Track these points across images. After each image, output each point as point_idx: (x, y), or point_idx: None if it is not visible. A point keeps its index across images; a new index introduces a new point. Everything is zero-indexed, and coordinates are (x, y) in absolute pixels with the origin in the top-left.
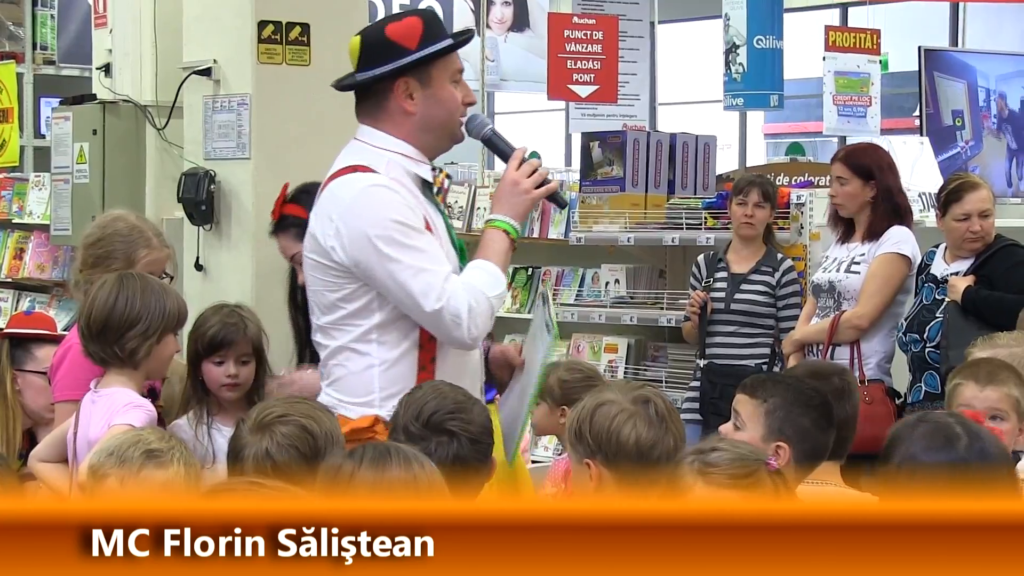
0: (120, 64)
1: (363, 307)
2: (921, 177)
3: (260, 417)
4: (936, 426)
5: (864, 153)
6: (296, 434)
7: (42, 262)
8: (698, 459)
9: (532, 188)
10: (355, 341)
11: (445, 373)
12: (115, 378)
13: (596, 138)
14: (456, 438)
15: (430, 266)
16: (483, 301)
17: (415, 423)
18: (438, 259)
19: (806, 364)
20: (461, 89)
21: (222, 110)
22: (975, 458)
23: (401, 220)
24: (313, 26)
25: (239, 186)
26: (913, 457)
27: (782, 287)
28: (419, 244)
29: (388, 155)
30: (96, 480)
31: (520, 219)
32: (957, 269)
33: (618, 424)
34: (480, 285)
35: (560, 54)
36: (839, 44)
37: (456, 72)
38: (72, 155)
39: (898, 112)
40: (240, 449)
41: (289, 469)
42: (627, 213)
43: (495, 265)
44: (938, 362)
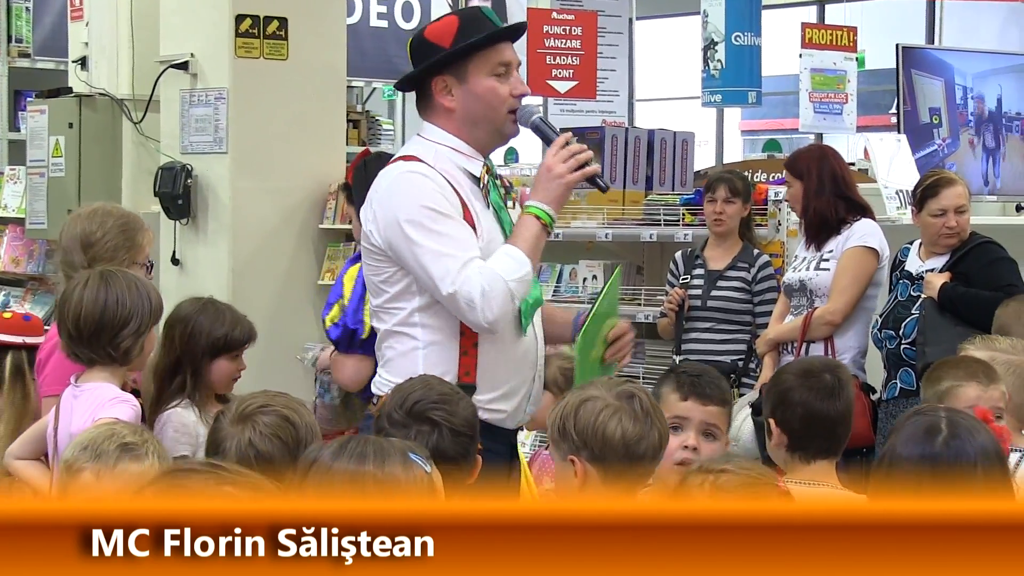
0: (96, 57)
1: (403, 290)
2: (898, 174)
3: (241, 409)
4: (923, 420)
5: (799, 155)
6: (278, 424)
7: (17, 256)
8: (708, 480)
9: (567, 172)
10: (400, 324)
11: (490, 359)
12: (98, 373)
13: (574, 134)
14: (437, 428)
15: (451, 251)
16: (499, 285)
17: (398, 410)
18: (462, 245)
19: (799, 362)
20: (508, 82)
21: (199, 104)
22: (951, 456)
23: (429, 205)
24: (291, 20)
25: (216, 180)
26: (893, 450)
27: (758, 283)
28: (444, 229)
29: (437, 147)
30: (71, 475)
31: (554, 204)
32: (933, 266)
33: (603, 420)
34: (499, 269)
35: (539, 50)
36: (816, 41)
37: (498, 65)
38: (48, 148)
39: (875, 109)
40: (220, 441)
41: (272, 459)
42: (605, 209)
43: (520, 250)
44: (914, 359)
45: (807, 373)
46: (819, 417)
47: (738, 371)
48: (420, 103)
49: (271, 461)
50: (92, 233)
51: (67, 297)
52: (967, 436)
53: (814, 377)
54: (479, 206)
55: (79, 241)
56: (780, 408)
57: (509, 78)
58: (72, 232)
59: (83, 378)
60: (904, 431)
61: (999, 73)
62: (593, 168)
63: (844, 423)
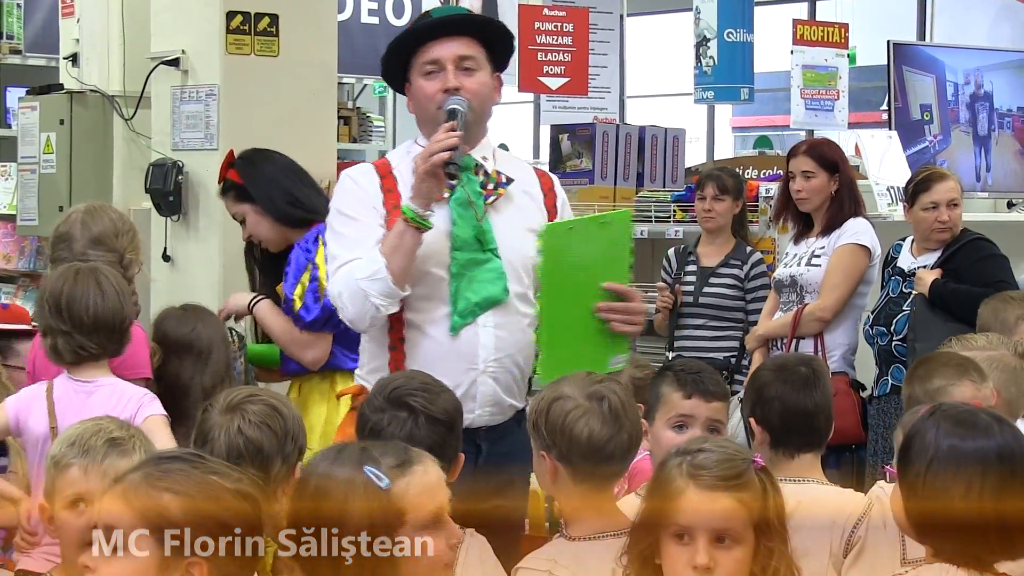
0: (87, 54)
1: None
2: (889, 171)
3: (229, 400)
4: (959, 414)
5: (828, 147)
6: (266, 412)
7: (8, 252)
8: (686, 461)
9: (420, 164)
10: None
11: (416, 356)
12: (99, 368)
13: (565, 131)
14: (414, 416)
15: (339, 252)
16: (352, 285)
17: (378, 396)
18: (350, 247)
19: (772, 359)
20: (440, 79)
21: (190, 100)
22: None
23: (340, 208)
24: (282, 17)
25: (207, 177)
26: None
27: (751, 280)
28: (345, 231)
29: (414, 147)
30: (59, 471)
31: (415, 198)
32: (924, 262)
33: (571, 420)
34: (354, 270)
35: (531, 46)
36: (807, 38)
37: (424, 65)
38: (39, 145)
39: (866, 106)
40: (208, 431)
41: (262, 447)
42: (596, 206)
43: (379, 248)
44: (905, 355)
45: (781, 368)
46: (796, 410)
47: (731, 368)
48: None
49: (260, 449)
50: (110, 228)
51: (73, 292)
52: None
53: (788, 371)
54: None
55: (101, 236)
56: (758, 406)
57: (439, 75)
58: (100, 226)
59: (86, 373)
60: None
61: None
62: (439, 156)
63: (823, 415)
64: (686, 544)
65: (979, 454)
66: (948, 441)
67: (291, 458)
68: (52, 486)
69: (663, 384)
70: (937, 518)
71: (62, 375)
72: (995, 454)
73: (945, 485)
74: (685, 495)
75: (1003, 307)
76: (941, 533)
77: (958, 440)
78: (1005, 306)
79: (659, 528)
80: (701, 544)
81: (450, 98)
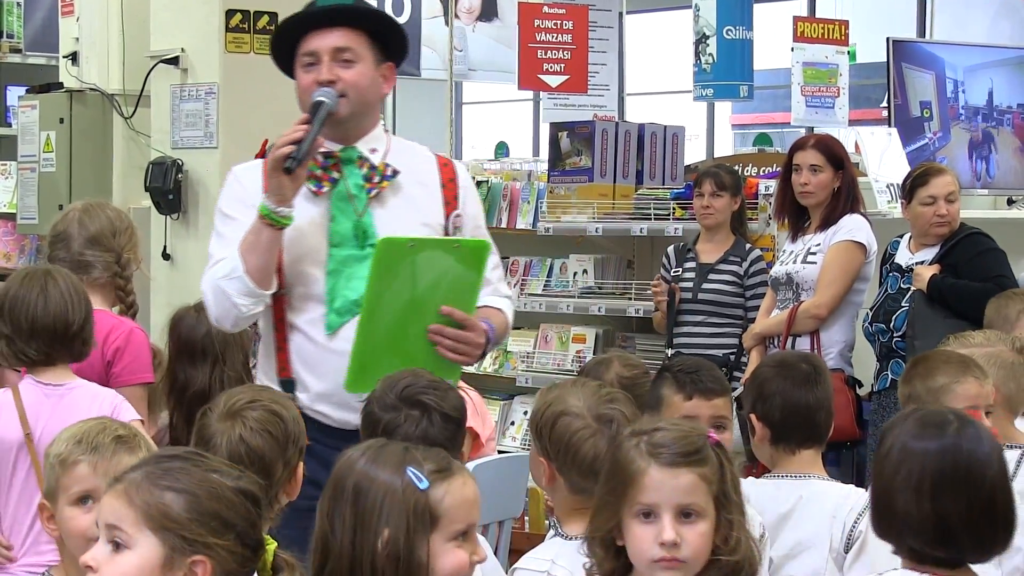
0: (87, 52)
1: None
2: (889, 168)
3: (228, 405)
4: (929, 415)
5: (834, 142)
6: (267, 418)
7: (8, 251)
8: (643, 441)
9: (270, 159)
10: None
11: (298, 357)
12: (63, 372)
13: (564, 128)
14: (428, 414)
15: (214, 251)
16: (213, 285)
17: (389, 393)
18: (226, 245)
19: (771, 356)
20: (316, 70)
21: (189, 99)
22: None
23: (221, 207)
24: (281, 15)
25: (206, 175)
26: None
27: (750, 277)
28: (223, 230)
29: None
30: (65, 468)
31: (268, 193)
32: (922, 258)
33: (578, 441)
34: (215, 270)
35: (530, 44)
36: (807, 35)
37: (303, 56)
38: (39, 144)
39: (866, 103)
40: (209, 438)
41: (263, 454)
42: (595, 203)
43: (237, 248)
44: (904, 351)
45: (782, 364)
46: (798, 405)
47: (730, 364)
48: None
49: (262, 457)
50: (114, 226)
51: (17, 296)
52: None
53: (789, 367)
54: (302, 198)
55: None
56: (759, 402)
57: (316, 67)
58: (96, 225)
59: (51, 376)
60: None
61: (990, 67)
62: (282, 151)
63: (824, 411)
64: (651, 522)
65: (921, 450)
66: (902, 439)
67: (292, 461)
68: (56, 484)
69: (663, 387)
70: (885, 514)
71: (27, 379)
72: (936, 451)
73: (892, 481)
74: (648, 474)
75: (1006, 303)
76: (894, 531)
77: (911, 438)
78: (1008, 302)
79: (621, 510)
80: (667, 520)
81: (320, 90)
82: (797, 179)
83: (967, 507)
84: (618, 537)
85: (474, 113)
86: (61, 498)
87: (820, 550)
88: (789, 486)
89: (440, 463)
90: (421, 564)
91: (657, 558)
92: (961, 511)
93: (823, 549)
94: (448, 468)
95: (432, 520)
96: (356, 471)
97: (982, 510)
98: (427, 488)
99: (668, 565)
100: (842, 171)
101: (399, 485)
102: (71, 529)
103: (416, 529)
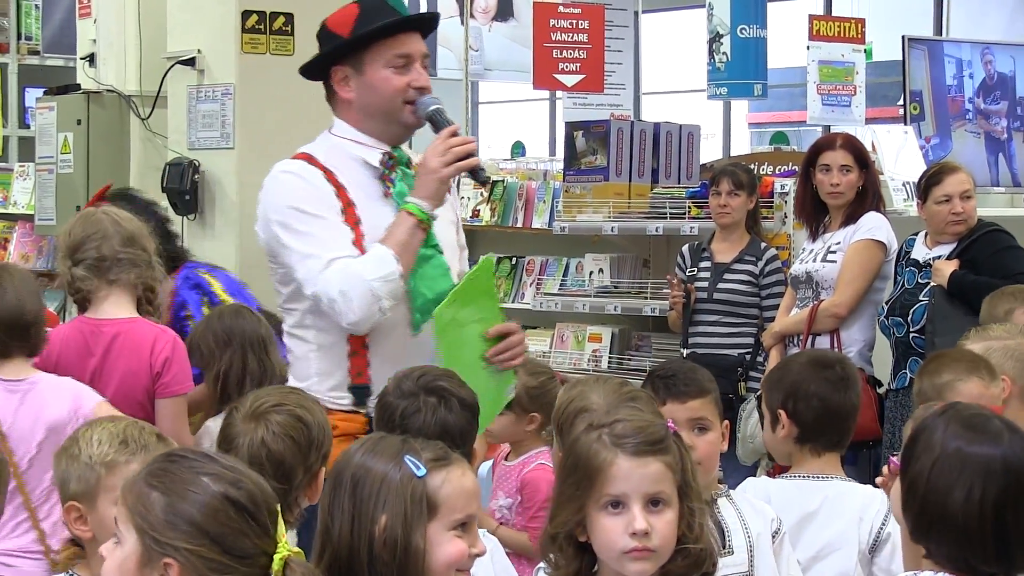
0: (104, 54)
1: (295, 291)
2: (905, 166)
3: (254, 406)
4: (970, 417)
5: (859, 141)
6: (291, 423)
7: (26, 252)
8: (604, 433)
9: (441, 167)
10: (295, 327)
11: (384, 358)
12: (23, 365)
13: (580, 127)
14: (446, 400)
15: (315, 252)
16: (359, 285)
17: (406, 381)
18: (326, 245)
19: (808, 353)
20: (408, 73)
21: (206, 100)
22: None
23: (296, 205)
24: (297, 15)
25: (223, 176)
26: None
27: (765, 276)
28: (310, 230)
29: (336, 140)
30: (111, 470)
31: (429, 199)
32: (939, 253)
33: None
34: (360, 270)
35: (546, 43)
36: (823, 33)
37: (395, 58)
38: (56, 145)
39: (882, 101)
40: (233, 438)
41: (284, 459)
42: (611, 202)
43: (388, 248)
44: (923, 347)
45: (820, 364)
46: (835, 409)
47: (745, 364)
48: (326, 93)
49: (282, 462)
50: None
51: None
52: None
53: (829, 369)
54: (374, 198)
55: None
56: (793, 399)
57: (409, 70)
58: (132, 224)
59: (13, 371)
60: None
61: None
62: (470, 161)
63: (854, 416)
64: (620, 513)
65: (983, 460)
66: (955, 443)
67: (314, 466)
68: (98, 485)
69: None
70: (934, 519)
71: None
72: (1000, 462)
73: (947, 487)
74: (615, 464)
75: (996, 302)
76: (937, 536)
77: (964, 443)
78: (998, 301)
79: (587, 503)
80: (636, 510)
81: (427, 97)
82: (826, 179)
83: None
84: (580, 533)
85: (490, 113)
86: (104, 498)
87: (848, 551)
88: (811, 487)
89: (438, 453)
90: (418, 551)
91: (628, 549)
92: (1020, 526)
93: (851, 551)
94: (446, 458)
95: (430, 508)
96: (353, 463)
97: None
98: (424, 475)
99: (639, 555)
100: (866, 170)
101: (396, 473)
102: (109, 528)
103: (413, 516)
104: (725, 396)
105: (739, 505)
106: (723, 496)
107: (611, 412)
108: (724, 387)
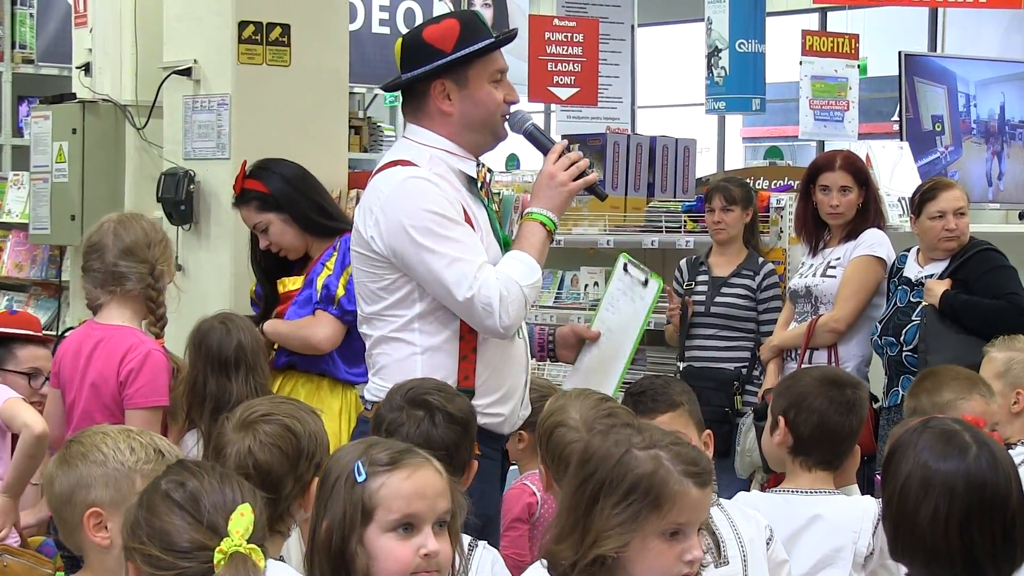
0: (100, 63)
1: (404, 297)
2: (900, 182)
3: (244, 416)
4: (943, 430)
5: (858, 159)
6: (279, 433)
7: (20, 261)
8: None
9: (569, 180)
10: (398, 330)
11: (488, 363)
12: None
13: (576, 140)
14: (431, 414)
15: (464, 256)
16: (515, 290)
17: (396, 395)
18: (473, 250)
19: (826, 369)
20: (503, 88)
21: (202, 110)
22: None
23: (437, 211)
24: (293, 27)
25: (218, 186)
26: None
27: (763, 291)
28: (454, 235)
29: (431, 151)
30: (145, 480)
31: (557, 211)
32: (932, 272)
33: (571, 451)
34: (514, 274)
35: (541, 56)
36: (817, 48)
37: (496, 72)
38: (51, 154)
39: (877, 116)
40: (223, 447)
41: (271, 469)
42: (607, 215)
43: (530, 256)
44: (915, 366)
45: (831, 383)
46: (831, 429)
47: (742, 378)
48: (410, 104)
49: (270, 472)
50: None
51: None
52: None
53: (837, 389)
54: (474, 206)
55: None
56: (794, 409)
57: (501, 84)
58: (131, 236)
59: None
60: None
61: (1001, 81)
62: (593, 176)
63: (851, 440)
64: (677, 540)
65: (948, 477)
66: (923, 459)
67: (304, 477)
68: (130, 493)
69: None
70: (906, 538)
71: None
72: (963, 479)
73: (915, 506)
74: (688, 495)
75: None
76: (909, 554)
77: (933, 459)
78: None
79: (646, 527)
80: (696, 539)
81: (520, 113)
82: (825, 199)
83: (992, 538)
84: (611, 562)
85: None
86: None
87: (841, 566)
88: (799, 501)
89: (393, 455)
90: (352, 556)
91: (681, 575)
92: (987, 542)
93: (844, 565)
94: (396, 461)
95: (365, 512)
96: (330, 464)
97: (1004, 537)
98: (364, 481)
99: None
100: (866, 188)
101: (343, 479)
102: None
103: (351, 520)
104: (721, 409)
105: (730, 513)
106: (714, 505)
107: (652, 432)
108: (720, 400)
